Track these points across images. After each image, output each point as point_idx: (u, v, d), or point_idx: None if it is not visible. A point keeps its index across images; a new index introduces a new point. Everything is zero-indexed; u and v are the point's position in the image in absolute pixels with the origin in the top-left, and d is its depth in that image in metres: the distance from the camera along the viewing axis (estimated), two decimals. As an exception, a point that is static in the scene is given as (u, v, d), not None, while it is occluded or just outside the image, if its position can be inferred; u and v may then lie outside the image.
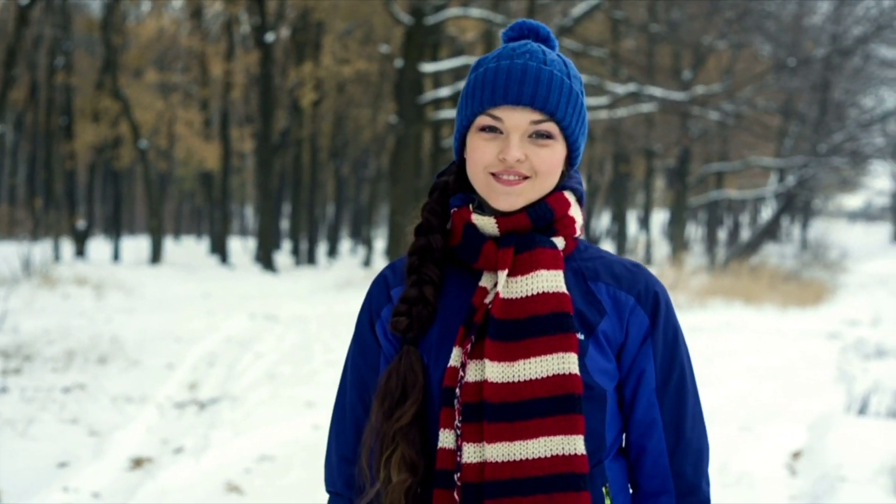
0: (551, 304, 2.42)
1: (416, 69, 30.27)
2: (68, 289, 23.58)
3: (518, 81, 2.43)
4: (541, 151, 2.45)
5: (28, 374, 12.60)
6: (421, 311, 2.51)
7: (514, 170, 2.44)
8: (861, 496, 7.86)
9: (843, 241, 61.55)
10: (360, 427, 2.59)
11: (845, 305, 28.00)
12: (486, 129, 2.46)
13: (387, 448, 2.46)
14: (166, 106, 42.63)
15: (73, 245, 40.75)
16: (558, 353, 2.39)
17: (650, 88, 33.48)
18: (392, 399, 2.46)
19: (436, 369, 2.49)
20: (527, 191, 2.46)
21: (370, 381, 2.60)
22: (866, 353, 17.33)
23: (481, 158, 2.46)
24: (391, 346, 2.59)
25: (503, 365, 2.40)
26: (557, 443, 2.37)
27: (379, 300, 2.64)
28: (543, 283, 2.44)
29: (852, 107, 44.78)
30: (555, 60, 2.50)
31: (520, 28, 2.61)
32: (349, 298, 25.13)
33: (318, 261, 47.90)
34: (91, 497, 7.84)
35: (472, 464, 2.40)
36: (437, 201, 2.65)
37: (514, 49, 2.51)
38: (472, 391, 2.42)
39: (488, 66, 2.51)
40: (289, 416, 10.86)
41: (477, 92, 2.49)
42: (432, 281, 2.55)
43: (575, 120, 2.50)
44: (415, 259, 2.58)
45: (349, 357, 2.69)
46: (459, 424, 2.42)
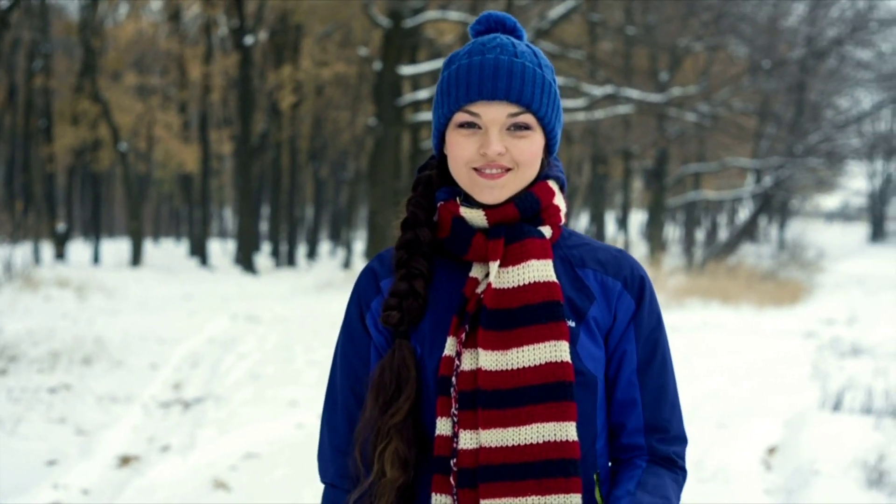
0: (542, 294, 2.47)
1: (394, 72, 30.37)
2: (50, 291, 23.65)
3: (492, 76, 2.47)
4: (520, 143, 2.49)
5: (14, 375, 12.72)
6: (412, 304, 2.54)
7: (496, 163, 2.48)
8: (834, 490, 8.04)
9: (820, 241, 61.82)
10: (352, 418, 2.63)
11: (822, 305, 28.18)
12: (465, 125, 2.50)
13: (381, 442, 2.50)
14: (145, 108, 42.66)
15: (53, 248, 40.72)
16: (550, 342, 2.45)
17: (627, 90, 33.65)
18: (386, 394, 2.50)
19: (430, 359, 2.52)
20: (510, 182, 2.50)
21: (361, 372, 2.63)
22: (842, 352, 17.51)
23: (462, 154, 2.51)
24: (382, 338, 2.62)
25: (496, 353, 2.44)
26: (549, 429, 2.42)
27: (368, 292, 2.67)
28: (534, 272, 2.48)
29: (828, 108, 44.95)
30: (524, 52, 2.53)
31: (486, 21, 2.64)
32: (330, 300, 25.26)
33: (298, 263, 47.94)
34: (81, 494, 7.98)
35: (467, 450, 2.44)
36: (422, 195, 2.67)
37: (483, 44, 2.54)
38: (467, 380, 2.46)
39: (461, 62, 2.54)
40: (273, 415, 11.02)
41: (452, 89, 2.53)
42: (422, 274, 2.58)
43: (550, 109, 2.54)
44: (403, 253, 2.62)
45: (338, 349, 2.72)
46: (456, 412, 2.46)
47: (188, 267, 41.32)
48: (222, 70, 42.25)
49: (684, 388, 12.84)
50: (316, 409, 11.40)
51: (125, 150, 39.40)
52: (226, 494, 8.13)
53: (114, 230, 74.45)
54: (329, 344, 16.85)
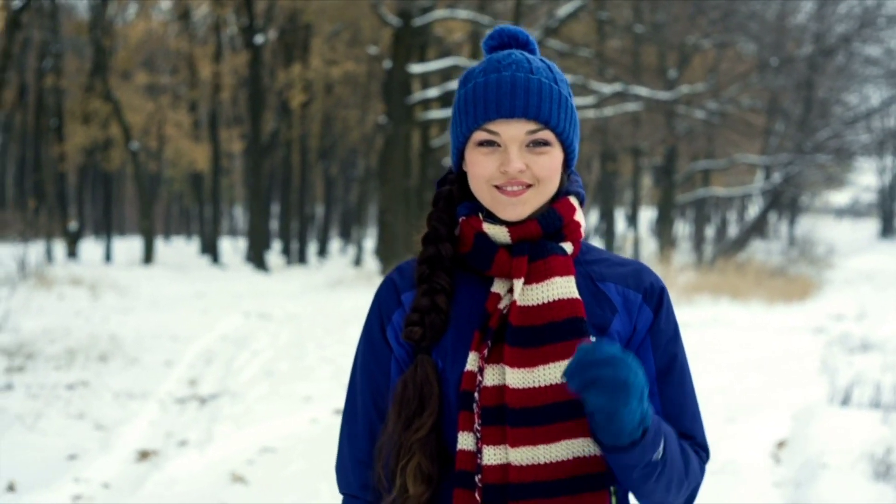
0: (567, 311, 2.46)
1: (404, 70, 30.51)
2: (64, 289, 23.83)
3: (509, 94, 2.47)
4: (540, 159, 2.48)
5: (32, 372, 12.89)
6: (434, 319, 2.53)
7: (517, 180, 2.47)
8: (841, 482, 8.15)
9: (829, 237, 61.73)
10: (373, 429, 2.62)
11: (831, 301, 28.16)
12: (484, 143, 2.50)
13: (403, 457, 2.49)
14: (156, 107, 42.81)
15: (65, 246, 40.90)
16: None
17: (636, 88, 33.76)
18: (409, 409, 2.49)
19: (452, 374, 2.52)
20: (531, 198, 2.50)
21: (381, 383, 2.62)
22: (851, 347, 17.54)
23: (482, 172, 2.50)
24: (403, 351, 2.61)
25: (523, 371, 2.43)
26: (579, 445, 2.42)
27: (389, 304, 2.65)
28: (558, 290, 2.47)
29: (837, 104, 44.92)
30: (540, 68, 2.54)
31: (499, 36, 2.65)
32: (341, 297, 25.40)
33: (309, 260, 48.07)
34: (101, 487, 8.14)
35: (493, 465, 2.43)
36: (444, 210, 2.67)
37: (499, 61, 2.54)
38: (490, 395, 2.45)
39: (477, 80, 2.54)
40: (287, 411, 11.17)
41: (469, 108, 2.52)
42: (444, 289, 2.57)
43: (568, 124, 2.53)
44: (424, 268, 2.61)
45: (358, 360, 2.70)
46: (479, 427, 2.45)
47: (199, 265, 41.49)
48: (232, 69, 42.37)
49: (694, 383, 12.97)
50: (329, 404, 11.57)
51: (136, 150, 39.59)
52: (243, 488, 8.28)
53: (124, 229, 74.64)
54: (341, 341, 17.02)
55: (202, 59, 42.62)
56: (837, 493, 7.83)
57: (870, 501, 7.50)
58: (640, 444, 2.32)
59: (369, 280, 30.31)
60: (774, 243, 58.61)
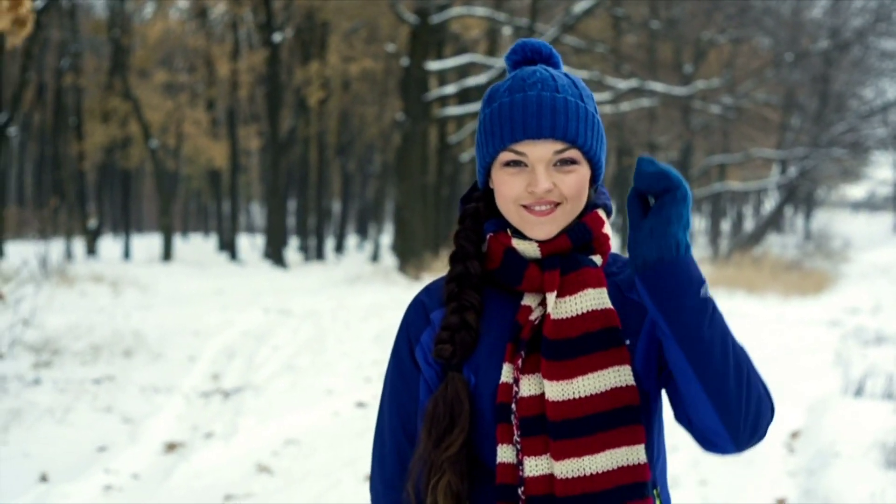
0: (601, 321, 2.46)
1: (421, 67, 30.69)
2: (85, 287, 24.06)
3: (535, 114, 2.45)
4: (567, 178, 2.47)
5: (59, 367, 13.11)
6: (464, 337, 2.53)
7: (545, 199, 2.46)
8: (853, 470, 8.34)
9: (845, 230, 61.82)
10: (402, 452, 2.63)
11: (846, 294, 28.26)
12: (511, 163, 2.49)
13: (434, 475, 2.50)
14: (174, 106, 43.04)
15: (85, 244, 41.17)
16: (614, 367, 2.44)
17: (651, 84, 33.89)
18: (440, 427, 2.49)
19: (485, 387, 2.52)
20: (560, 217, 2.49)
21: (410, 406, 2.63)
22: (866, 340, 17.68)
23: (510, 193, 2.49)
24: (432, 371, 2.61)
25: (562, 383, 2.43)
26: (623, 454, 2.41)
27: (417, 325, 2.65)
28: (591, 301, 2.47)
29: (853, 98, 44.94)
30: (565, 85, 2.52)
31: (522, 50, 2.64)
32: (359, 293, 25.57)
33: (326, 256, 48.26)
34: (131, 478, 8.36)
35: (535, 477, 2.44)
36: (470, 228, 2.65)
37: (524, 79, 2.53)
38: (528, 406, 2.46)
39: (502, 100, 2.52)
40: (310, 404, 11.39)
41: (496, 128, 2.51)
42: (473, 307, 2.57)
43: (595, 141, 2.51)
44: (453, 286, 2.60)
45: (387, 383, 2.70)
46: (519, 439, 2.45)
47: (218, 262, 41.71)
48: (249, 66, 42.55)
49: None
50: (350, 398, 11.81)
51: (155, 147, 39.83)
52: (269, 478, 8.49)
53: (142, 226, 74.95)
54: (360, 336, 17.23)
55: (220, 57, 42.79)
56: (849, 481, 8.01)
57: (880, 488, 7.67)
58: (688, 255, 2.34)
59: (387, 276, 30.48)
60: (790, 237, 58.70)
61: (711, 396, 2.31)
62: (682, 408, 2.42)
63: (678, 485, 8.23)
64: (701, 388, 2.31)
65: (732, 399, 2.32)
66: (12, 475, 8.14)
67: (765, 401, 2.39)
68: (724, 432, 2.33)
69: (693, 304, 2.32)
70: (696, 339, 2.31)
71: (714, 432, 2.34)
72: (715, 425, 2.33)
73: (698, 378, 2.31)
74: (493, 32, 37.90)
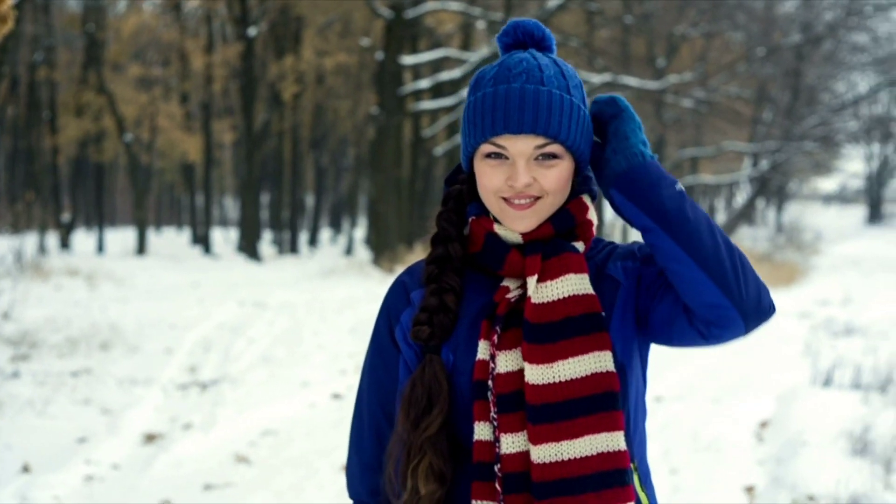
0: (583, 305, 2.45)
1: (396, 62, 30.78)
2: (61, 280, 24.10)
3: (517, 108, 2.42)
4: (549, 173, 2.45)
5: (37, 360, 13.21)
6: (442, 319, 2.52)
7: (525, 193, 2.45)
8: (820, 458, 8.52)
9: (817, 223, 61.97)
10: (381, 433, 2.62)
11: (817, 286, 28.39)
12: (492, 155, 2.46)
13: (414, 458, 2.48)
14: (149, 99, 43.01)
15: (59, 237, 41.12)
16: (595, 352, 2.42)
17: (625, 78, 34.06)
18: (418, 409, 2.47)
19: (464, 365, 2.50)
20: (540, 210, 2.48)
21: (389, 386, 2.61)
22: (835, 332, 17.85)
23: (490, 184, 2.47)
24: (412, 351, 2.59)
25: (542, 367, 2.41)
26: (602, 440, 2.40)
27: (397, 305, 2.64)
28: (573, 286, 2.46)
29: (824, 91, 45.15)
30: (551, 76, 2.47)
31: (514, 31, 2.58)
32: (334, 286, 25.67)
33: (300, 250, 48.31)
34: (111, 468, 8.50)
35: (512, 454, 2.42)
36: (453, 210, 2.64)
37: (510, 69, 2.47)
38: (505, 382, 2.44)
39: (486, 90, 2.48)
40: (286, 395, 11.54)
41: (478, 119, 2.47)
42: (452, 289, 2.56)
43: (579, 135, 2.48)
44: (433, 268, 2.59)
45: (367, 363, 2.68)
46: (496, 416, 2.44)
47: (192, 255, 41.72)
48: (223, 60, 42.54)
49: (680, 366, 13.38)
50: (326, 389, 11.95)
51: (130, 141, 39.82)
52: (247, 468, 8.64)
53: (115, 219, 74.78)
54: (336, 328, 17.35)
55: (194, 51, 42.74)
56: (816, 468, 8.19)
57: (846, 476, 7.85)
58: (655, 161, 2.45)
59: (361, 269, 30.58)
60: (762, 230, 58.88)
61: (708, 270, 2.36)
62: (679, 308, 2.45)
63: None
64: (696, 265, 2.37)
65: (728, 269, 2.37)
66: (-5, 466, 8.27)
67: (762, 284, 2.44)
68: (728, 302, 2.36)
69: (671, 194, 2.41)
70: (683, 220, 2.39)
71: (717, 307, 2.37)
72: (717, 298, 2.36)
73: (691, 256, 2.37)
74: (468, 27, 38.02)
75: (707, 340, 2.45)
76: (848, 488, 7.51)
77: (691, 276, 2.37)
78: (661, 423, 10.31)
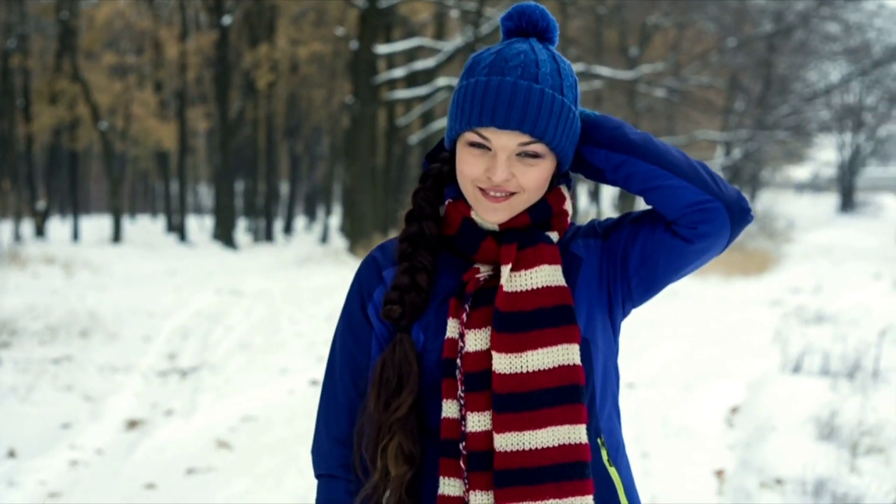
0: (556, 297, 2.46)
1: (370, 51, 30.87)
2: (38, 268, 24.19)
3: (507, 104, 2.40)
4: (529, 171, 2.44)
5: (18, 348, 13.36)
6: (414, 298, 2.52)
7: (501, 187, 2.44)
8: (787, 443, 8.74)
9: (790, 211, 62.18)
10: (352, 408, 2.60)
11: (789, 274, 28.54)
12: (475, 144, 2.44)
13: (383, 438, 2.48)
14: (123, 87, 43.03)
15: (33, 225, 41.11)
16: (563, 345, 2.43)
17: (598, 68, 34.26)
18: (388, 389, 2.47)
19: (434, 344, 2.50)
20: (515, 205, 2.48)
21: (361, 362, 2.60)
22: (806, 319, 18.07)
23: (469, 172, 2.46)
24: (384, 328, 2.59)
25: (510, 356, 2.42)
26: (564, 432, 2.41)
27: (370, 282, 2.63)
28: (546, 277, 2.47)
29: (797, 81, 45.39)
30: (546, 74, 2.44)
31: (518, 17, 2.54)
32: (310, 273, 25.81)
33: (276, 238, 48.37)
34: (95, 454, 8.67)
35: (476, 432, 2.43)
36: (431, 189, 2.62)
37: (506, 61, 2.45)
38: (472, 361, 2.44)
39: (479, 78, 2.45)
40: (265, 382, 11.73)
41: (467, 106, 2.44)
42: (425, 268, 2.54)
43: (564, 137, 2.46)
44: (406, 246, 2.57)
45: (338, 338, 2.67)
46: (463, 394, 2.44)
47: (168, 243, 41.74)
48: (197, 49, 42.55)
49: (651, 353, 13.60)
50: (304, 376, 12.11)
51: (105, 129, 39.84)
52: (228, 453, 8.82)
53: (89, 207, 74.63)
54: (313, 316, 17.51)
55: (168, 40, 42.76)
56: (783, 452, 8.40)
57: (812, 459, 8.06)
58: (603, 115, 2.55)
59: (337, 257, 30.71)
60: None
61: (685, 176, 2.44)
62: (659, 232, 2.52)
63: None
64: (673, 175, 2.45)
65: (704, 174, 2.46)
66: (-19, 451, 8.44)
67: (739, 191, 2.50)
68: (710, 196, 2.44)
69: (634, 132, 2.52)
70: (650, 144, 2.48)
71: (701, 202, 2.44)
72: (699, 195, 2.44)
73: (667, 169, 2.45)
74: (442, 16, 38.16)
75: (693, 243, 2.49)
76: (814, 471, 7.72)
77: (670, 185, 2.45)
78: (633, 409, 10.50)
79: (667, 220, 2.50)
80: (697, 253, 2.52)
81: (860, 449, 8.54)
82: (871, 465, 8.15)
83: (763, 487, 7.61)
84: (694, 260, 2.55)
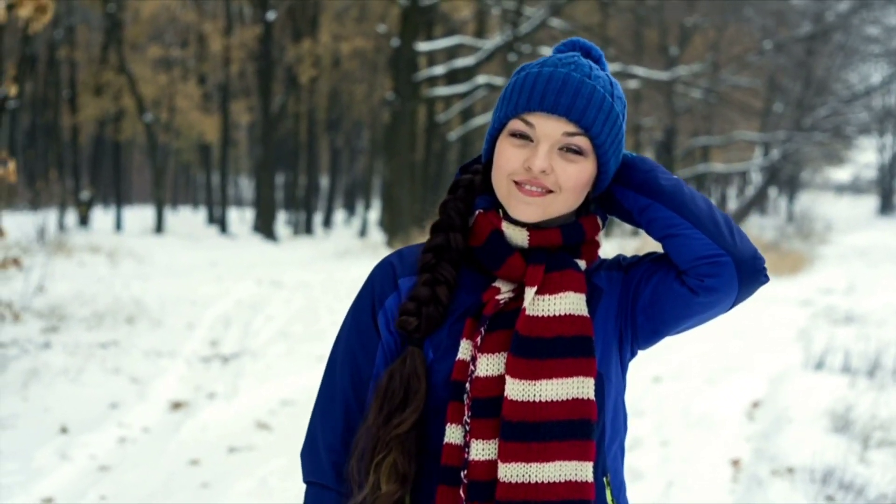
0: (577, 327, 2.38)
1: (411, 48, 31.21)
2: (83, 257, 24.73)
3: (556, 90, 2.34)
4: (568, 167, 2.35)
5: (66, 332, 13.82)
6: (432, 311, 2.41)
7: (538, 181, 2.35)
8: (802, 434, 9.08)
9: (829, 213, 61.87)
10: (350, 417, 2.48)
11: (822, 275, 28.40)
12: (518, 134, 2.37)
13: (379, 452, 2.38)
14: (168, 80, 43.54)
15: (77, 215, 41.64)
16: (579, 377, 2.35)
17: (634, 68, 34.47)
18: (392, 404, 2.37)
19: (443, 364, 2.40)
20: (549, 205, 2.38)
21: (364, 368, 2.48)
22: (835, 319, 18.23)
23: (506, 164, 2.37)
24: (392, 339, 2.48)
25: (524, 383, 2.33)
26: (571, 468, 2.33)
27: (383, 287, 2.51)
28: (570, 305, 2.39)
29: (836, 82, 45.26)
30: (600, 77, 2.41)
31: (571, 43, 2.52)
32: (348, 266, 26.19)
33: (315, 231, 48.76)
34: (142, 432, 9.13)
35: (480, 461, 2.33)
36: (461, 199, 2.54)
37: (560, 59, 2.42)
38: (483, 386, 2.34)
39: (530, 70, 2.42)
40: (304, 368, 12.13)
41: (514, 95, 2.39)
42: (446, 281, 2.45)
43: (609, 139, 2.39)
44: (430, 257, 2.48)
45: (342, 340, 2.55)
46: (469, 420, 2.34)
47: (209, 234, 42.25)
48: (241, 43, 42.98)
49: (676, 350, 13.88)
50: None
51: (150, 121, 40.37)
52: (268, 433, 9.27)
53: (132, 198, 75.28)
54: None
55: (212, 33, 43.25)
56: (796, 443, 8.75)
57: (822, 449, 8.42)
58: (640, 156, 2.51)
59: (375, 250, 31.02)
60: (773, 219, 59.07)
61: (702, 227, 2.40)
62: (670, 279, 2.46)
63: (641, 445, 8.94)
64: (690, 225, 2.40)
65: (722, 226, 2.42)
66: (35, 427, 8.91)
67: (757, 249, 2.45)
68: (721, 250, 2.38)
69: (668, 177, 2.48)
70: (678, 192, 2.44)
71: (711, 256, 2.38)
72: (710, 249, 2.38)
73: (686, 218, 2.40)
74: (482, 14, 38.53)
75: (699, 295, 2.42)
76: (823, 461, 8.08)
77: (686, 235, 2.40)
78: (656, 399, 10.87)
79: (679, 269, 2.45)
80: (702, 306, 2.46)
81: (872, 442, 8.85)
82: (881, 457, 8.46)
83: (774, 475, 7.94)
84: (699, 312, 2.48)
